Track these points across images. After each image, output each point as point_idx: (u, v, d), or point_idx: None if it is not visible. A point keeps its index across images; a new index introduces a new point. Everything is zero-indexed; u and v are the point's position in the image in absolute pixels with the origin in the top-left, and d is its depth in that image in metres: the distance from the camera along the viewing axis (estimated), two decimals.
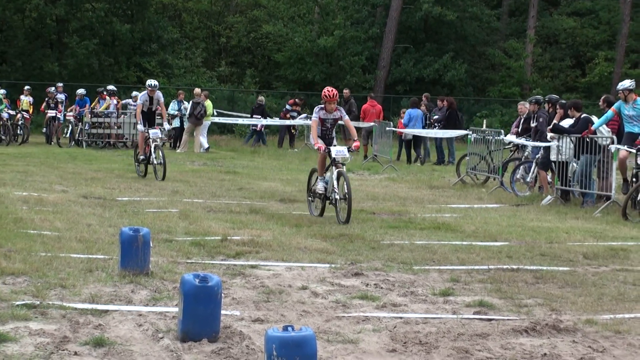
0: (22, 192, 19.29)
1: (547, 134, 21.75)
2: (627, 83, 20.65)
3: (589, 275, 12.34)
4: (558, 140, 21.22)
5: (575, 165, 20.97)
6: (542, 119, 22.99)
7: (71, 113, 38.03)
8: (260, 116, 40.16)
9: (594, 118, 21.29)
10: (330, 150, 16.85)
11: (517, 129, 25.27)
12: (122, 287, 10.47)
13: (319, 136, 17.30)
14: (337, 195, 16.63)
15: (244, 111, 44.01)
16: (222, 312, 8.76)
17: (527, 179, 23.05)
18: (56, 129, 37.40)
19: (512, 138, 24.86)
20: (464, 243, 14.77)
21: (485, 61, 54.23)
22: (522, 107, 25.97)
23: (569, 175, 21.17)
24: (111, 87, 39.40)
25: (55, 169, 25.90)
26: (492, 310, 10.09)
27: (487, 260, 13.19)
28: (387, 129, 32.31)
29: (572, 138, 20.87)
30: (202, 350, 8.09)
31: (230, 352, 8.03)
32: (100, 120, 37.25)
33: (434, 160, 34.44)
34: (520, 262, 13.14)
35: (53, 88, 37.89)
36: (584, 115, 21.37)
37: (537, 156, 22.55)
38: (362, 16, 52.59)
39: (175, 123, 37.36)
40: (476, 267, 12.60)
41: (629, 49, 54.74)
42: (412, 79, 51.53)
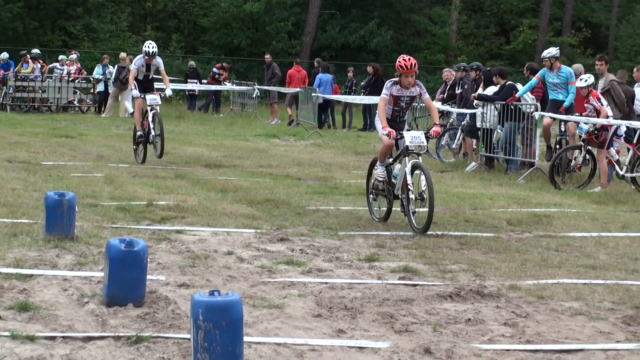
0: None
1: (473, 101, 21.92)
2: (553, 51, 20.83)
3: (512, 241, 12.53)
4: (483, 107, 21.39)
5: (499, 132, 21.16)
6: (467, 86, 23.18)
7: None
8: (196, 80, 40.01)
9: (519, 85, 21.50)
10: (403, 137, 12.87)
11: (443, 95, 25.44)
12: (46, 251, 10.41)
13: (387, 118, 13.15)
14: (412, 195, 12.52)
15: (171, 75, 43.80)
16: (148, 277, 8.75)
17: (453, 146, 23.30)
18: None
19: (437, 105, 25.03)
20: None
21: (410, 28, 54.50)
22: (447, 74, 26.16)
23: (494, 142, 21.37)
24: (36, 50, 39.06)
25: None
26: (417, 276, 10.17)
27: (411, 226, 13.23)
28: (313, 94, 32.25)
29: (497, 105, 21.06)
30: (127, 314, 8.07)
31: (156, 317, 8.02)
32: (25, 84, 36.95)
33: (360, 126, 34.53)
34: (445, 228, 13.29)
35: None
36: (509, 82, 21.57)
37: (462, 123, 22.73)
38: None
39: (100, 87, 37.16)
40: (401, 233, 12.72)
41: (552, 17, 55.33)
42: (338, 45, 51.67)
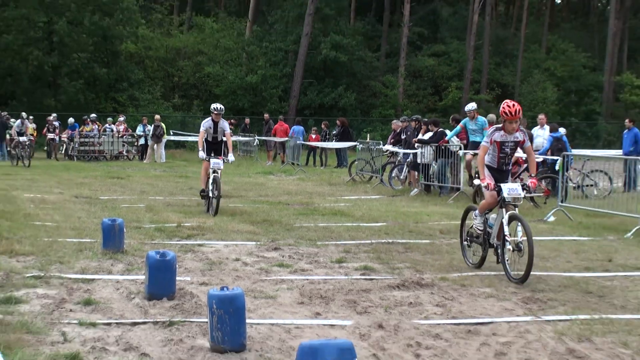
0: (30, 194, 19.04)
1: (414, 144, 22.01)
2: (471, 106, 20.94)
3: (443, 245, 12.54)
4: (422, 148, 21.49)
5: (434, 166, 21.16)
6: (409, 133, 23.20)
7: (65, 135, 37.67)
8: None
9: (448, 132, 21.59)
10: (500, 189, 9.79)
11: (392, 140, 25.44)
12: (104, 262, 10.44)
13: (488, 165, 10.12)
14: (509, 245, 9.64)
15: (193, 131, 43.72)
16: (177, 278, 8.81)
17: (400, 177, 23.28)
18: (54, 147, 36.92)
19: (388, 147, 25.04)
20: (354, 224, 14.87)
21: (369, 91, 54.25)
22: (395, 124, 26.09)
23: (430, 173, 21.36)
24: (93, 115, 38.94)
25: (54, 177, 25.53)
26: (373, 272, 10.24)
27: (370, 236, 13.32)
28: (298, 142, 32.18)
29: (432, 146, 21.15)
30: (163, 306, 8.15)
31: (184, 307, 8.11)
32: (86, 140, 36.91)
33: (334, 165, 34.56)
34: (394, 237, 13.30)
35: (51, 117, 37.53)
36: (440, 129, 21.64)
37: (407, 160, 22.76)
38: (278, 59, 52.36)
39: (141, 141, 37.19)
40: (362, 242, 12.69)
41: (473, 80, 55.42)
42: (316, 104, 51.47)
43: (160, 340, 7.00)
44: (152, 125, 36.74)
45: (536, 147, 20.80)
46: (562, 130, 23.49)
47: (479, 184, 9.84)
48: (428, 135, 21.70)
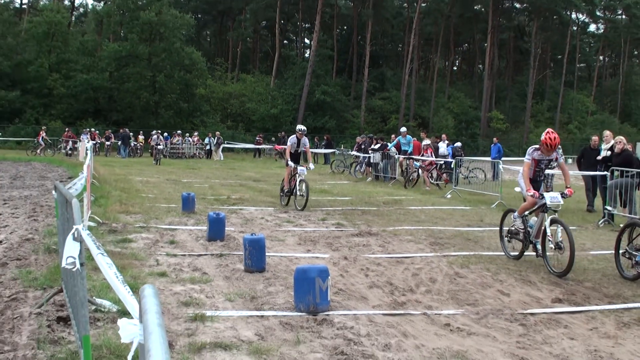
0: (138, 178, 18.98)
1: (369, 151, 21.98)
2: (403, 129, 20.92)
3: (385, 211, 12.49)
4: (373, 153, 21.48)
5: (381, 164, 21.19)
6: (366, 144, 23.18)
7: (161, 144, 37.12)
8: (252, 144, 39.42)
9: (389, 144, 21.56)
10: (544, 197, 7.37)
11: (357, 148, 25.34)
12: (182, 218, 10.39)
13: (530, 178, 7.69)
14: (551, 244, 7.17)
15: (239, 141, 43.46)
16: (226, 228, 8.76)
17: (361, 170, 23.24)
18: (156, 152, 36.31)
19: (354, 153, 24.97)
20: (332, 198, 14.84)
21: (343, 119, 53.63)
22: (359, 139, 26.06)
23: (379, 168, 21.38)
24: (179, 131, 38.68)
25: (154, 168, 25.44)
26: (343, 226, 10.18)
27: (342, 205, 13.30)
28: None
29: (379, 152, 21.13)
30: (217, 245, 8.09)
31: (229, 245, 8.07)
32: (174, 146, 36.68)
33: (322, 162, 34.24)
34: (356, 205, 13.28)
35: (153, 132, 37.26)
36: (384, 142, 21.63)
37: (365, 160, 22.77)
38: (290, 99, 51.90)
39: (208, 147, 36.87)
40: (337, 208, 12.70)
41: (405, 113, 55.25)
42: (312, 127, 50.20)
43: (214, 265, 6.98)
44: (215, 137, 36.56)
45: (442, 154, 20.81)
46: (458, 143, 23.72)
47: (532, 194, 7.30)
48: (377, 146, 21.64)
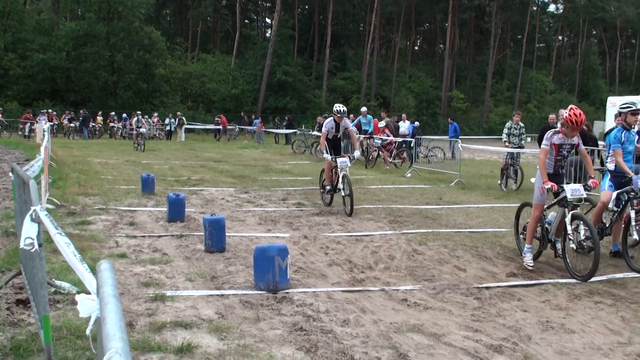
0: (97, 159, 18.60)
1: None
2: (364, 109, 20.90)
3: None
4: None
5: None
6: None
7: (120, 124, 36.34)
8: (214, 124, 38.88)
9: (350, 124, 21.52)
10: (564, 190, 6.06)
11: (317, 128, 24.97)
12: (142, 200, 10.28)
13: (549, 172, 6.26)
14: (572, 244, 5.96)
15: (199, 122, 42.85)
16: (186, 209, 8.73)
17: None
18: (114, 132, 35.50)
19: (315, 132, 24.86)
20: (293, 178, 14.82)
21: (305, 99, 53.13)
22: (319, 119, 25.77)
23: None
24: (138, 112, 37.71)
25: (113, 150, 24.95)
26: (304, 206, 10.25)
27: (302, 185, 13.33)
28: (262, 129, 31.75)
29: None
30: (177, 226, 8.04)
31: (189, 226, 8.03)
32: (133, 127, 35.76)
33: (284, 142, 34.18)
34: (315, 185, 13.33)
35: (112, 114, 36.54)
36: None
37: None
38: (251, 80, 51.28)
39: (167, 128, 36.20)
40: (298, 188, 12.75)
41: (365, 94, 55.24)
42: (273, 107, 50.47)
43: (175, 245, 6.96)
44: (177, 119, 35.93)
45: (402, 133, 20.99)
46: (417, 123, 23.94)
47: (549, 187, 6.05)
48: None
